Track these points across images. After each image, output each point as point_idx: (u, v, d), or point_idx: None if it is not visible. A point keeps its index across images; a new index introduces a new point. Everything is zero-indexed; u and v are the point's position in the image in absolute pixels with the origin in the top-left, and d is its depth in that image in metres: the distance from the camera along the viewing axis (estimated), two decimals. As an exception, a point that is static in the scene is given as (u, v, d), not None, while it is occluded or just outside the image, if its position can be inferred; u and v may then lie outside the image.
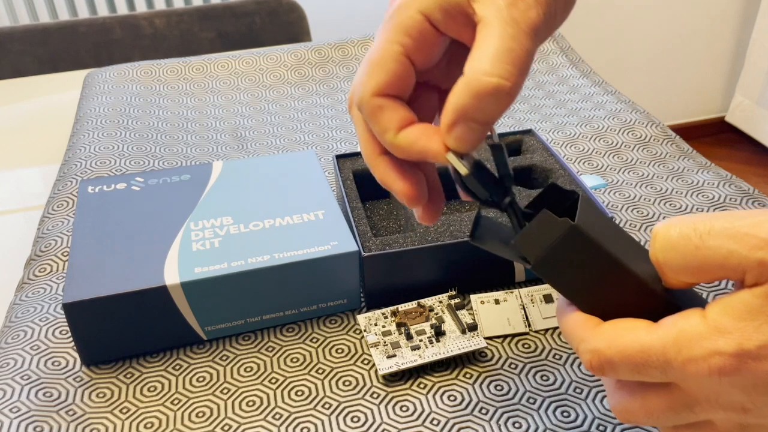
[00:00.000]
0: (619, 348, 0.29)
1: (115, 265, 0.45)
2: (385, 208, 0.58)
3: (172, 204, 0.52)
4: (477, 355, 0.45)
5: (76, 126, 0.78)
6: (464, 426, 0.40)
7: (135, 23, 1.33)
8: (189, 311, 0.45)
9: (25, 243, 0.64)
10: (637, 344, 0.28)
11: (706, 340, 0.26)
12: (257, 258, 0.46)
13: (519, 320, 0.47)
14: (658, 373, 0.28)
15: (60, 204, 0.63)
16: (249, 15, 1.37)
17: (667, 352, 0.27)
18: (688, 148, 0.69)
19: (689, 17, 2.01)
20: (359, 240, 0.48)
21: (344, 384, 0.43)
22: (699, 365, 0.26)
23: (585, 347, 0.30)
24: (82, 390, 0.44)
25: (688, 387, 0.28)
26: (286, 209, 0.51)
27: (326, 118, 0.78)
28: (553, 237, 0.30)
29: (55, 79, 1.10)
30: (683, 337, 0.27)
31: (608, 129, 0.72)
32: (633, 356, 0.28)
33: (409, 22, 0.32)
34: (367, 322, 0.46)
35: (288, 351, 0.46)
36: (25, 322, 0.49)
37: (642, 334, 0.28)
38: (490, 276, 0.50)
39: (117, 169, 0.67)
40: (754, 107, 2.08)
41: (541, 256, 0.30)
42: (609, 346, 0.29)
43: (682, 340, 0.27)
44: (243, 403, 0.43)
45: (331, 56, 0.92)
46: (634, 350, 0.28)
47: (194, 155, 0.71)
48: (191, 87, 0.86)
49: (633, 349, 0.28)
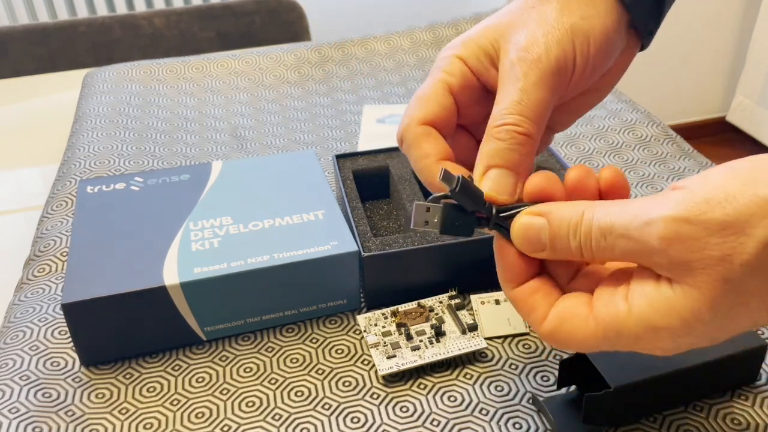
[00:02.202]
0: (569, 346, 0.31)
1: (115, 265, 0.45)
2: (385, 208, 0.58)
3: (172, 204, 0.52)
4: (477, 356, 0.45)
5: (75, 126, 0.77)
6: (464, 426, 0.40)
7: (134, 23, 1.33)
8: (188, 311, 0.45)
9: (24, 243, 0.64)
10: (584, 342, 0.30)
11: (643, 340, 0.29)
12: (257, 258, 0.46)
13: (519, 320, 0.47)
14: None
15: (59, 204, 0.63)
16: (248, 14, 1.37)
17: (609, 338, 0.29)
18: (689, 148, 0.69)
19: (690, 17, 2.00)
20: (359, 240, 0.48)
21: (344, 384, 0.43)
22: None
23: (537, 330, 0.32)
24: (82, 390, 0.44)
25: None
26: (285, 209, 0.51)
27: (326, 117, 0.78)
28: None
29: (54, 79, 1.10)
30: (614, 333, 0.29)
31: (609, 129, 0.72)
32: (581, 346, 0.31)
33: (451, 65, 0.36)
34: (367, 323, 0.46)
35: (288, 351, 0.46)
36: (24, 323, 0.49)
37: (585, 332, 0.30)
38: (491, 276, 0.49)
39: (116, 169, 0.67)
40: (754, 107, 2.07)
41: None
42: (558, 344, 0.31)
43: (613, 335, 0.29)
44: (243, 403, 0.42)
45: (330, 56, 0.91)
46: (581, 345, 0.31)
47: (193, 155, 0.71)
48: (191, 86, 0.86)
49: (580, 345, 0.31)
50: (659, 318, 0.27)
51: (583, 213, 0.29)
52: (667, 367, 0.38)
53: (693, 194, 0.26)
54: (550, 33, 0.34)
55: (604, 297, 0.30)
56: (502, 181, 0.33)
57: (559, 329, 0.30)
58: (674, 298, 0.27)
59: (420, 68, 0.89)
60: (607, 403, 0.37)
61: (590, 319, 0.30)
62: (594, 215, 0.29)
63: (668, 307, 0.27)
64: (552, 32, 0.34)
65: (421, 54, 0.92)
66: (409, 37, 0.94)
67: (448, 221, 0.32)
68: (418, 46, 0.93)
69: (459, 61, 0.36)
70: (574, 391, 0.41)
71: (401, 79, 0.87)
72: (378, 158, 0.59)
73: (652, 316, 0.27)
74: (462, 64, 0.36)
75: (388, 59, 0.91)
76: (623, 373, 0.37)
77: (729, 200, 0.25)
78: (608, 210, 0.29)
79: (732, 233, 0.25)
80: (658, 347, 0.28)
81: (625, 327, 0.28)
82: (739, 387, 0.41)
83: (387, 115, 0.75)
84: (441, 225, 0.32)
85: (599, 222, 0.28)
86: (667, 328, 0.27)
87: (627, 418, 0.39)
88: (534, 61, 0.33)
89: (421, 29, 0.95)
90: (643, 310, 0.28)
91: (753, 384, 0.42)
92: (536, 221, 0.31)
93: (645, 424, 0.39)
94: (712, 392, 0.41)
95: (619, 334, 0.29)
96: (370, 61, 0.91)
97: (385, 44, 0.94)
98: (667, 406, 0.40)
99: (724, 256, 0.25)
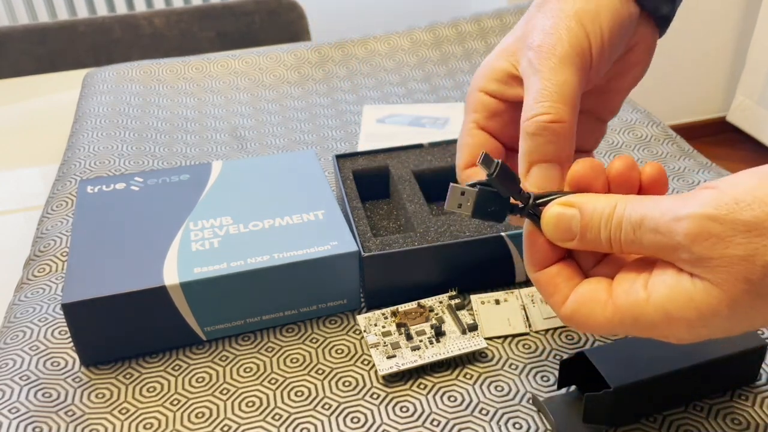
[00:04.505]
0: (590, 328, 0.32)
1: (115, 265, 0.45)
2: (385, 208, 0.58)
3: (172, 204, 0.52)
4: (477, 356, 0.45)
5: (75, 126, 0.77)
6: (464, 426, 0.40)
7: (134, 23, 1.33)
8: (188, 311, 0.45)
9: (24, 243, 0.64)
10: (601, 326, 0.31)
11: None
12: (257, 258, 0.46)
13: (519, 320, 0.47)
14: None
15: (59, 204, 0.63)
16: (248, 14, 1.37)
17: (625, 324, 0.30)
18: (689, 148, 0.69)
19: (690, 16, 2.00)
20: (359, 240, 0.48)
21: (344, 384, 0.43)
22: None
23: (557, 312, 0.33)
24: (82, 390, 0.44)
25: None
26: (285, 209, 0.51)
27: (326, 117, 0.78)
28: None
29: (54, 79, 1.10)
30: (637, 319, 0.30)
31: (609, 129, 0.72)
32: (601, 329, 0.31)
33: (473, 101, 0.39)
34: (367, 323, 0.46)
35: (288, 351, 0.46)
36: (25, 323, 0.49)
37: (604, 316, 0.31)
38: (491, 276, 0.50)
39: (116, 169, 0.67)
40: (755, 107, 2.07)
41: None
42: (576, 326, 0.32)
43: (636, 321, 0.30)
44: (243, 403, 0.42)
45: (330, 56, 0.91)
46: (598, 328, 0.31)
47: (193, 155, 0.71)
48: (190, 86, 0.86)
49: (598, 328, 0.31)
50: (677, 308, 0.28)
51: (616, 205, 0.30)
52: (667, 367, 0.38)
53: (723, 194, 0.27)
54: (559, 23, 0.34)
55: (624, 283, 0.30)
56: (544, 175, 0.33)
57: (577, 312, 0.31)
58: (694, 291, 0.27)
59: (420, 68, 0.89)
60: (607, 403, 0.37)
61: (609, 303, 0.30)
62: (626, 208, 0.30)
63: (687, 299, 0.28)
64: (560, 22, 0.34)
65: (421, 54, 0.92)
66: (409, 37, 0.94)
67: (481, 206, 0.32)
68: (418, 46, 0.93)
69: (480, 95, 0.39)
70: (574, 391, 0.41)
71: (401, 79, 0.87)
72: (378, 158, 0.59)
73: (669, 306, 0.28)
74: (483, 96, 0.39)
75: (388, 59, 0.91)
76: (623, 373, 0.37)
77: (758, 203, 0.26)
78: (640, 204, 0.29)
79: (757, 235, 0.26)
80: (673, 335, 0.29)
81: (642, 314, 0.29)
82: (739, 387, 0.41)
83: (387, 115, 0.75)
84: (473, 209, 0.32)
85: (630, 215, 0.29)
86: (684, 319, 0.28)
87: (627, 418, 0.39)
88: (549, 51, 0.34)
89: (421, 29, 0.95)
90: (662, 300, 0.28)
91: (753, 384, 0.42)
92: (568, 211, 0.31)
93: (645, 424, 0.39)
94: (712, 392, 0.41)
95: (636, 320, 0.29)
96: (370, 61, 0.91)
97: (385, 44, 0.94)
98: (667, 406, 0.40)
99: (747, 256, 0.26)
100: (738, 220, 0.26)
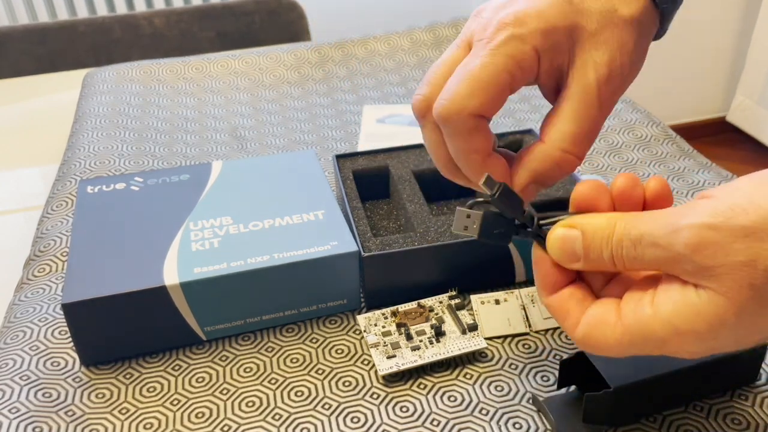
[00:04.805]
0: (601, 349, 0.31)
1: (115, 265, 0.45)
2: (385, 208, 0.58)
3: (172, 204, 0.52)
4: (477, 356, 0.45)
5: (75, 126, 0.77)
6: (464, 426, 0.40)
7: (134, 23, 1.33)
8: (188, 311, 0.45)
9: (24, 243, 0.64)
10: (613, 348, 0.31)
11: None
12: (257, 258, 0.46)
13: (519, 320, 0.47)
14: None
15: (59, 204, 0.63)
16: (248, 14, 1.37)
17: (635, 343, 0.30)
18: (689, 148, 0.69)
19: (690, 17, 2.00)
20: (359, 240, 0.48)
21: (344, 384, 0.43)
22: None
23: (571, 335, 0.33)
24: (82, 390, 0.44)
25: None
26: (285, 209, 0.51)
27: (326, 117, 0.78)
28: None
29: (54, 79, 1.10)
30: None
31: (609, 129, 0.72)
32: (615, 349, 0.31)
33: (521, 54, 0.33)
34: (367, 323, 0.46)
35: (288, 351, 0.46)
36: (25, 323, 0.49)
37: (614, 338, 0.30)
38: (491, 276, 0.50)
39: (116, 169, 0.67)
40: (755, 107, 2.07)
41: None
42: (590, 349, 0.32)
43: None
44: (243, 403, 0.42)
45: (330, 56, 0.91)
46: (611, 350, 0.31)
47: (193, 155, 0.71)
48: (190, 86, 0.86)
49: (610, 350, 0.31)
50: (684, 322, 0.28)
51: (616, 224, 0.30)
52: (667, 367, 0.38)
53: (719, 202, 0.27)
54: (624, 56, 0.34)
55: (631, 303, 0.30)
56: (535, 192, 0.37)
57: (589, 335, 0.31)
58: (699, 303, 0.27)
59: (420, 68, 0.89)
60: (607, 403, 0.37)
61: (618, 325, 0.30)
62: (625, 226, 0.30)
63: (694, 312, 0.27)
64: (624, 55, 0.34)
65: (421, 54, 0.92)
66: (409, 37, 0.94)
67: (487, 228, 0.33)
68: (418, 46, 0.93)
69: (532, 54, 0.33)
70: (574, 391, 0.41)
71: (401, 79, 0.87)
72: (378, 158, 0.59)
73: (676, 320, 0.28)
74: (534, 57, 0.33)
75: (388, 59, 0.91)
76: (623, 373, 0.37)
77: (753, 208, 0.26)
78: (639, 221, 0.29)
79: (756, 240, 0.26)
80: (685, 350, 0.29)
81: (650, 331, 0.29)
82: (739, 387, 0.41)
83: (387, 115, 0.75)
84: (479, 231, 0.33)
85: (630, 232, 0.29)
86: (692, 331, 0.28)
87: (627, 418, 0.39)
88: (613, 93, 0.34)
89: (421, 29, 0.95)
90: (668, 315, 0.28)
91: (753, 384, 0.42)
92: (571, 233, 0.31)
93: (645, 424, 0.39)
94: (712, 392, 0.41)
95: (645, 338, 0.29)
96: (370, 61, 0.91)
97: (385, 44, 0.94)
98: (667, 406, 0.40)
99: (749, 261, 0.26)
100: (735, 227, 0.26)
